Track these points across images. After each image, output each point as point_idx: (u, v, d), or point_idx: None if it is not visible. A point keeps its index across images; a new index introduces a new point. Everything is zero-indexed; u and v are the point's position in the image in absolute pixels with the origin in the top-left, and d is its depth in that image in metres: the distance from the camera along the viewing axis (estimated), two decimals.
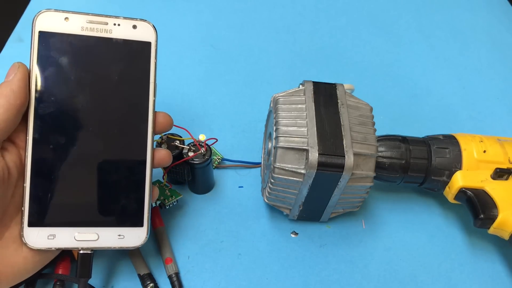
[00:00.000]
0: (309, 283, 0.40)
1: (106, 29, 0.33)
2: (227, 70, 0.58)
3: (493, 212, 0.39)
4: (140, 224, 0.34)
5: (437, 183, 0.42)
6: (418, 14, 0.70)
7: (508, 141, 0.42)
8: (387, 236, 0.44)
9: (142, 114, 0.34)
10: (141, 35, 0.34)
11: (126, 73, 0.33)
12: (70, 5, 0.65)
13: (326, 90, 0.40)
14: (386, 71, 0.60)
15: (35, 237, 0.31)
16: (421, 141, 0.43)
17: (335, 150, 0.36)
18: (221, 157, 0.48)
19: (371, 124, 0.39)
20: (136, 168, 0.34)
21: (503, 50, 0.65)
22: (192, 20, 0.65)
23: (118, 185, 0.33)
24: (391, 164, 0.41)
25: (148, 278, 0.38)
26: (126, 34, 0.33)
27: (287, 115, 0.38)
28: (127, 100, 0.34)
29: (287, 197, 0.39)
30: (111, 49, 0.33)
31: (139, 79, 0.34)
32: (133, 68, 0.34)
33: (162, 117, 0.35)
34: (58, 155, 0.32)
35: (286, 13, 0.68)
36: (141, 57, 0.34)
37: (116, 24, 0.33)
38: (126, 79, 0.33)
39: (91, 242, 0.33)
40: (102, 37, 0.33)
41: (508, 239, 0.39)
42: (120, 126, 0.33)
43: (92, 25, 0.33)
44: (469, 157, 0.41)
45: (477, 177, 0.40)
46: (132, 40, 0.33)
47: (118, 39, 0.33)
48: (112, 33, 0.33)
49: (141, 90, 0.34)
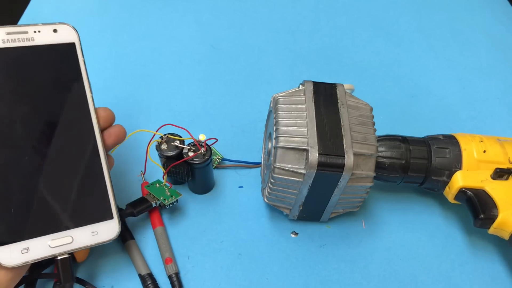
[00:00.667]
0: (309, 283, 0.40)
1: (27, 37, 0.33)
2: (227, 70, 0.58)
3: (493, 212, 0.39)
4: (110, 217, 0.34)
5: (437, 183, 0.42)
6: (418, 14, 0.70)
7: (508, 141, 0.42)
8: (387, 236, 0.44)
9: (84, 111, 0.34)
10: (63, 37, 0.34)
11: (58, 75, 0.34)
12: (70, 5, 0.65)
13: (326, 90, 0.40)
14: (386, 71, 0.60)
15: (9, 254, 0.31)
16: (421, 141, 0.43)
17: (335, 150, 0.36)
18: (221, 157, 0.48)
19: (371, 124, 0.39)
20: (91, 164, 0.34)
21: (503, 50, 0.65)
22: (192, 20, 0.65)
23: (78, 184, 0.34)
24: (391, 164, 0.41)
25: (149, 278, 0.38)
26: (49, 39, 0.34)
27: (287, 115, 0.38)
28: (66, 101, 0.34)
29: (287, 197, 0.39)
30: (37, 56, 0.33)
31: (72, 79, 0.34)
32: (64, 70, 0.34)
33: (103, 111, 0.36)
34: (7, 169, 0.32)
35: (286, 13, 0.68)
36: (69, 58, 0.34)
37: (37, 31, 0.33)
38: (59, 81, 0.34)
39: (66, 245, 0.32)
40: (26, 46, 0.33)
41: (508, 239, 0.39)
42: (65, 128, 0.34)
43: (13, 36, 0.33)
44: (469, 157, 0.41)
45: (477, 177, 0.40)
46: (55, 43, 0.34)
47: (42, 45, 0.33)
48: (35, 40, 0.33)
49: (77, 89, 0.34)
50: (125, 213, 0.40)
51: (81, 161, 0.34)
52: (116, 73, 0.56)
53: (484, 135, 0.43)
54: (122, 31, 0.62)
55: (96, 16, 0.64)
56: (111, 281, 0.39)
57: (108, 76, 0.56)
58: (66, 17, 0.62)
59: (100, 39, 0.60)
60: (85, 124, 0.34)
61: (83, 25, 0.62)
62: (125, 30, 0.62)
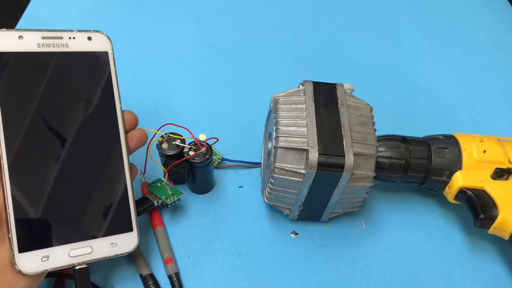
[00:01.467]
0: (309, 283, 0.40)
1: (62, 43, 0.33)
2: (227, 70, 0.58)
3: (493, 212, 0.39)
4: (130, 229, 0.34)
5: (437, 183, 0.42)
6: (418, 14, 0.70)
7: (508, 141, 0.42)
8: (387, 236, 0.44)
9: (112, 121, 0.34)
10: (97, 45, 0.34)
11: (89, 83, 0.34)
12: (70, 5, 0.65)
13: (326, 90, 0.40)
14: (386, 71, 0.60)
15: (29, 262, 0.31)
16: (421, 141, 0.43)
17: (335, 150, 0.36)
18: (221, 157, 0.48)
19: (371, 124, 0.39)
20: (116, 175, 0.34)
21: (503, 50, 0.65)
22: (192, 20, 0.65)
23: (102, 195, 0.34)
24: (391, 164, 0.41)
25: (151, 279, 0.38)
26: (83, 46, 0.34)
27: (287, 115, 0.38)
28: (95, 109, 0.34)
29: (287, 197, 0.39)
30: (70, 62, 0.33)
31: (103, 88, 0.34)
32: (95, 78, 0.34)
33: (127, 114, 0.36)
34: (36, 176, 0.32)
35: (286, 13, 0.68)
36: (101, 67, 0.34)
37: (72, 38, 0.33)
38: (90, 89, 0.34)
39: (86, 256, 0.32)
40: (60, 52, 0.33)
41: (508, 239, 0.39)
42: (92, 137, 0.34)
43: (48, 40, 0.33)
44: (469, 157, 0.41)
45: (477, 177, 0.40)
46: (89, 51, 0.34)
47: (76, 52, 0.33)
48: (69, 46, 0.33)
49: (107, 98, 0.34)
50: None
51: (106, 171, 0.34)
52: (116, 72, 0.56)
53: (484, 135, 0.43)
54: (122, 31, 0.62)
55: (96, 16, 0.64)
56: (111, 281, 0.39)
57: None
58: (66, 17, 0.62)
59: None
60: (112, 136, 0.34)
61: (83, 25, 0.62)
62: (125, 30, 0.62)
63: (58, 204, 0.32)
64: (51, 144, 0.32)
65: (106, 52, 0.35)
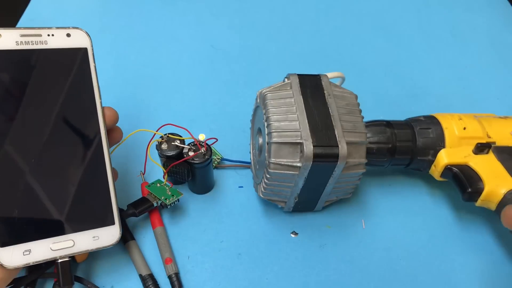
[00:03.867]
0: (309, 283, 0.40)
1: (41, 40, 0.33)
2: (227, 70, 0.58)
3: (479, 185, 0.40)
4: (112, 222, 0.35)
5: (423, 163, 0.43)
6: (418, 14, 0.70)
7: (483, 117, 0.44)
8: (387, 236, 0.44)
9: (92, 118, 0.34)
10: (76, 42, 0.34)
11: (68, 80, 0.34)
12: (70, 5, 0.65)
13: (312, 82, 0.40)
14: (386, 71, 0.60)
15: (10, 256, 0.31)
16: (405, 124, 0.44)
17: (329, 141, 0.36)
18: (221, 157, 0.48)
19: (358, 112, 0.39)
20: (96, 170, 0.34)
21: (503, 50, 0.65)
22: (192, 20, 0.65)
23: (83, 189, 0.34)
24: (379, 148, 0.42)
25: (150, 279, 0.38)
26: (62, 43, 0.34)
27: (277, 110, 0.38)
28: (75, 106, 0.34)
29: (283, 191, 0.40)
30: (50, 59, 0.33)
31: (83, 84, 0.34)
32: (75, 74, 0.34)
33: (108, 110, 0.36)
34: (16, 172, 0.32)
35: (286, 13, 0.68)
36: (81, 63, 0.34)
37: (50, 35, 0.33)
38: (69, 86, 0.34)
39: (67, 249, 0.33)
40: (39, 49, 0.33)
41: (495, 209, 0.40)
42: (72, 132, 0.34)
43: (27, 38, 0.33)
44: (451, 135, 0.42)
45: (460, 153, 0.42)
46: (68, 48, 0.34)
47: (55, 49, 0.33)
48: (48, 44, 0.33)
49: (87, 95, 0.34)
50: (127, 213, 0.40)
51: (86, 166, 0.34)
52: (116, 73, 0.56)
53: (462, 113, 0.45)
54: (122, 31, 0.62)
55: (96, 16, 0.64)
56: (111, 281, 0.39)
57: (108, 76, 0.56)
58: (66, 17, 0.62)
59: (100, 39, 0.60)
60: (92, 130, 0.34)
61: (83, 25, 0.62)
62: (125, 30, 0.62)
63: (39, 198, 0.32)
64: (30, 140, 0.32)
65: (86, 49, 0.35)
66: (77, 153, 0.34)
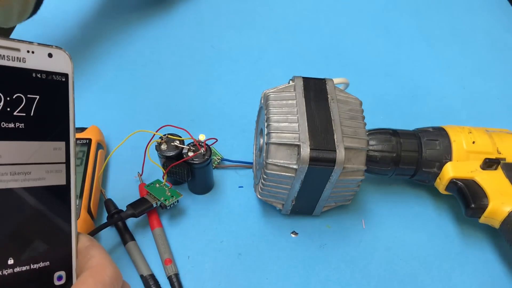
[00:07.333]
0: (309, 283, 0.40)
1: (19, 57, 0.26)
2: (227, 70, 0.58)
3: (484, 202, 0.39)
4: None
5: (428, 175, 0.43)
6: (418, 14, 0.70)
7: (496, 132, 0.43)
8: (387, 236, 0.44)
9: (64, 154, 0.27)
10: (57, 65, 0.27)
11: (42, 110, 0.27)
12: (70, 5, 0.65)
13: (316, 86, 0.40)
14: (386, 71, 0.60)
15: None
16: (411, 134, 0.43)
17: (326, 145, 0.36)
18: (221, 157, 0.48)
19: (361, 118, 0.39)
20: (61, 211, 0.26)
21: (503, 50, 0.65)
22: (192, 20, 0.65)
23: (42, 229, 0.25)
24: (383, 157, 0.42)
25: (151, 279, 0.38)
26: (41, 64, 0.27)
27: (278, 111, 0.38)
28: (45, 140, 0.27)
29: (280, 193, 0.40)
30: (25, 79, 0.26)
31: (57, 117, 0.28)
32: (50, 104, 0.28)
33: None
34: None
35: (286, 13, 0.68)
36: (58, 92, 0.28)
37: (30, 52, 0.26)
38: (42, 113, 0.27)
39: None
40: (15, 67, 0.26)
41: (499, 228, 0.39)
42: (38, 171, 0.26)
43: (3, 51, 0.25)
44: (459, 148, 0.41)
45: (467, 168, 0.41)
46: (48, 71, 0.27)
47: (33, 69, 0.26)
48: (26, 62, 0.26)
49: (61, 129, 0.28)
50: (126, 214, 0.40)
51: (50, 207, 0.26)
52: (116, 73, 0.56)
53: (473, 126, 0.44)
54: (122, 31, 0.62)
55: (96, 16, 0.64)
56: None
57: (108, 76, 0.56)
58: (66, 17, 0.62)
59: (100, 39, 0.60)
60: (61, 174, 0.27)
61: (83, 25, 0.62)
62: (125, 30, 0.62)
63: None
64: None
65: (66, 74, 0.28)
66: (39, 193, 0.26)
